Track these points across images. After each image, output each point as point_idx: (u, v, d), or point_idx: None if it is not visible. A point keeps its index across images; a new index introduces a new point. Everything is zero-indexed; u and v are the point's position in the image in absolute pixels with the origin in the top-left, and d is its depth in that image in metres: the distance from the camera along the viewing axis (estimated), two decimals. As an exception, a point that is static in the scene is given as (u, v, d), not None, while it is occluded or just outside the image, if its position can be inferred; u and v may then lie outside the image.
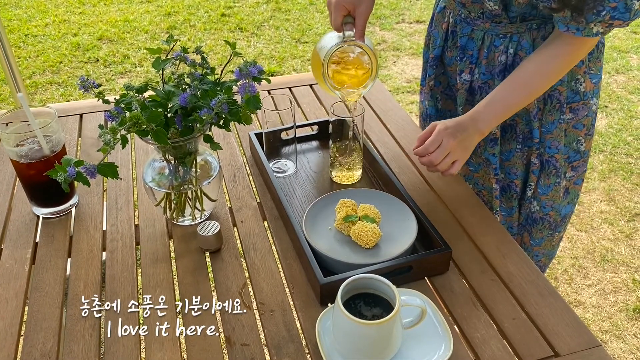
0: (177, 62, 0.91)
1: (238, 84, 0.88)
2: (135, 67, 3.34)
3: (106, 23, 3.87)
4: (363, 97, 1.27)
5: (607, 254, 2.08)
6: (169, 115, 0.88)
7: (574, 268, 2.02)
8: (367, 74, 1.00)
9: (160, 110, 0.86)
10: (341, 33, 1.01)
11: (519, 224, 1.26)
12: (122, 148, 0.83)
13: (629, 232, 2.17)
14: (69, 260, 0.96)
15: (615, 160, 2.55)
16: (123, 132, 0.81)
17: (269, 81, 0.90)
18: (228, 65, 0.94)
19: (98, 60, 3.42)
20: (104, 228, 1.03)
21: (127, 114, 0.82)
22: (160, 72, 0.91)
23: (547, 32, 1.04)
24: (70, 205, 1.06)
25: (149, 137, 0.84)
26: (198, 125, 0.88)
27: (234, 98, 0.88)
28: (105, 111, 1.36)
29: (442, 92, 1.27)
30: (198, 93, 0.88)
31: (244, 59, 0.90)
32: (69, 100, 3.01)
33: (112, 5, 4.15)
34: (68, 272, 0.94)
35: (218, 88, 0.90)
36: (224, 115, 0.88)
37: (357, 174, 1.13)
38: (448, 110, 1.28)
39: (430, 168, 1.01)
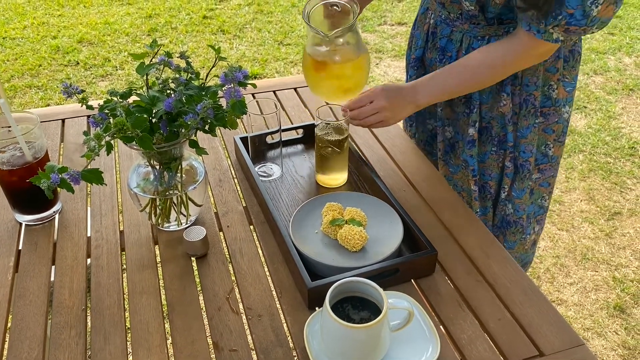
0: (162, 67, 0.90)
1: (223, 88, 0.88)
2: (117, 70, 3.31)
3: (86, 25, 3.82)
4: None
5: (587, 252, 2.11)
6: (153, 120, 0.88)
7: (556, 267, 2.05)
8: (355, 82, 1.02)
9: (145, 115, 0.85)
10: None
11: (494, 225, 1.28)
12: (107, 155, 0.82)
13: (609, 230, 2.21)
14: (53, 267, 0.95)
15: (595, 160, 2.60)
16: (108, 138, 0.81)
17: (254, 86, 0.90)
18: (212, 69, 0.94)
19: (78, 63, 3.37)
20: (89, 234, 1.02)
21: (112, 120, 0.81)
22: (145, 77, 0.91)
23: None
24: (54, 212, 1.05)
25: (134, 143, 0.83)
26: (183, 130, 0.88)
27: (219, 103, 0.88)
28: (88, 116, 1.35)
29: (424, 93, 1.28)
30: (183, 98, 0.87)
31: (229, 64, 0.90)
32: (48, 104, 2.97)
33: (91, 7, 4.10)
34: (52, 280, 0.93)
35: (203, 93, 0.89)
36: (209, 120, 0.87)
37: (343, 177, 1.14)
38: (428, 111, 1.29)
39: (355, 121, 1.08)
